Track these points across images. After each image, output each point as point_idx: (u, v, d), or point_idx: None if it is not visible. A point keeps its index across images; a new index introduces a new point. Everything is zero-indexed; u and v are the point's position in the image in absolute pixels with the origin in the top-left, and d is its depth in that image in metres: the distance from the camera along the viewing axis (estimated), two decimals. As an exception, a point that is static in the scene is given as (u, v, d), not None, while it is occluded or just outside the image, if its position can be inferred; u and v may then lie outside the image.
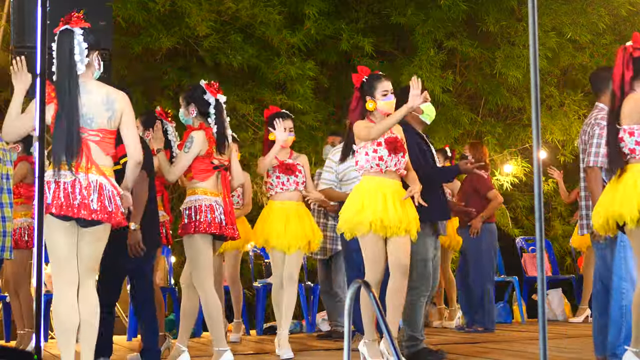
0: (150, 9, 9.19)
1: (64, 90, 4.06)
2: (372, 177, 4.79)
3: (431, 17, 10.32)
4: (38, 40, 4.78)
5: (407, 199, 4.73)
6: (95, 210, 3.99)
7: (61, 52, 4.12)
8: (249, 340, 7.40)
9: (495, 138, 10.98)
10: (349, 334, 3.22)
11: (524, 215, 11.32)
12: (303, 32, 9.90)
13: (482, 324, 7.33)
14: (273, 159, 5.74)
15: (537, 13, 3.35)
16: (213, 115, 5.19)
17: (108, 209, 4.03)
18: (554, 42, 10.35)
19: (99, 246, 4.14)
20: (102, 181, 4.04)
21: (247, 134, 9.84)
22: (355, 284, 3.28)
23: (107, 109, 4.12)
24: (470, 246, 7.47)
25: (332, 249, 7.05)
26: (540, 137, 3.44)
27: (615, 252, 4.67)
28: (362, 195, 4.78)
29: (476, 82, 11.01)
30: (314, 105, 10.08)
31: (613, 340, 4.66)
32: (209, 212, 5.02)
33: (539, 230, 3.35)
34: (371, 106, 4.81)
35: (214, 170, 5.14)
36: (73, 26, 4.13)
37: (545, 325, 3.22)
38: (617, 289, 4.66)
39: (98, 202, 4.00)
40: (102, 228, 4.09)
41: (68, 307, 4.04)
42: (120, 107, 4.15)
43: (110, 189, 4.06)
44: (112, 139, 4.17)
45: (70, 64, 4.09)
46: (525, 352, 5.57)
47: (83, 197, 3.98)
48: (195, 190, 5.09)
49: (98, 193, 4.01)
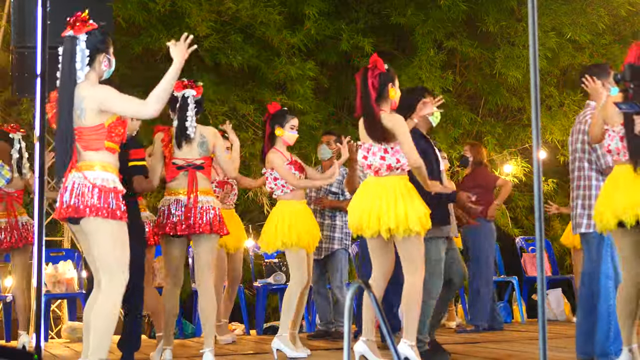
0: (151, 9, 9.20)
1: (62, 100, 4.13)
2: (371, 177, 4.77)
3: (431, 17, 10.33)
4: (38, 40, 4.79)
5: (413, 195, 4.69)
6: (69, 206, 4.08)
7: (64, 59, 4.17)
8: (249, 340, 7.40)
9: (495, 138, 10.98)
10: (349, 334, 3.22)
11: (524, 215, 11.32)
12: (303, 32, 9.90)
13: (475, 321, 7.34)
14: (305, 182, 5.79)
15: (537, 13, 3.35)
16: (177, 112, 5.27)
17: (75, 205, 4.08)
18: (553, 42, 10.35)
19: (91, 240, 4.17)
20: (76, 177, 4.10)
21: (247, 134, 9.84)
22: (355, 283, 3.28)
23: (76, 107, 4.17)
24: (472, 245, 7.49)
25: (329, 249, 7.05)
26: (540, 137, 3.44)
27: (603, 251, 4.70)
28: (358, 195, 4.80)
29: (476, 82, 11.01)
30: (314, 106, 10.09)
31: (602, 339, 4.68)
32: (167, 213, 5.20)
33: (539, 230, 3.35)
34: (393, 94, 4.78)
35: (177, 171, 5.23)
36: (77, 33, 4.16)
37: (545, 325, 3.22)
38: (605, 287, 4.69)
39: (70, 198, 4.07)
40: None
41: (88, 307, 4.21)
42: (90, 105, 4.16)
43: (80, 183, 4.09)
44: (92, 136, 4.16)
45: (70, 73, 4.13)
46: (525, 352, 5.57)
47: (61, 196, 4.12)
48: (168, 191, 5.30)
49: (70, 190, 4.08)
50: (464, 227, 7.46)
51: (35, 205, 4.57)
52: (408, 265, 4.70)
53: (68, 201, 4.06)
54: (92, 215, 4.03)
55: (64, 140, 4.08)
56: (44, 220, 4.44)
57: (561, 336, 6.67)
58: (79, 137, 4.12)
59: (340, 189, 7.07)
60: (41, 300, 4.47)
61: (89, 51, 4.15)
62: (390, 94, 4.74)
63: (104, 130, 4.13)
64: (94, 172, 4.09)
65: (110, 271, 4.06)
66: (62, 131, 4.09)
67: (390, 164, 4.66)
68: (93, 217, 4.04)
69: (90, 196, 4.04)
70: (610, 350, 4.64)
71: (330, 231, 7.07)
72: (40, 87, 4.71)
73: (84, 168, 4.09)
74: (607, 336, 4.66)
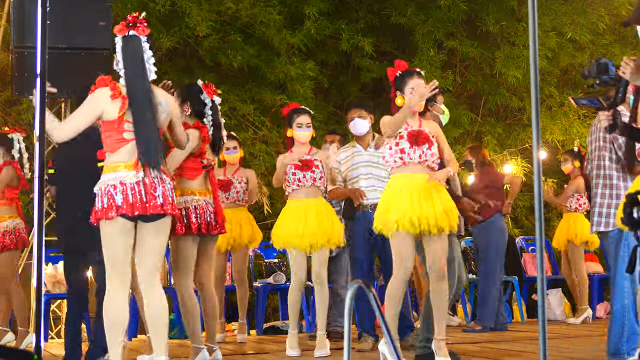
0: (150, 9, 9.19)
1: (141, 98, 4.19)
2: (397, 175, 4.79)
3: (431, 17, 10.33)
4: (38, 40, 4.78)
5: (441, 193, 4.72)
6: (162, 204, 4.19)
7: (134, 57, 4.23)
8: (249, 340, 7.39)
9: (495, 138, 10.99)
10: (349, 334, 3.22)
11: (524, 215, 11.32)
12: (303, 32, 9.90)
13: (483, 321, 7.33)
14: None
15: (537, 13, 3.35)
16: (209, 116, 5.19)
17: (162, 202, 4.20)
18: (554, 42, 10.36)
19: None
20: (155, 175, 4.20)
21: (247, 134, 9.84)
22: (355, 283, 3.28)
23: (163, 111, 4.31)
24: (482, 244, 7.48)
25: (335, 249, 7.04)
26: (540, 137, 3.44)
27: (620, 251, 4.68)
28: (387, 196, 4.81)
29: (476, 82, 11.02)
30: (313, 105, 10.07)
31: (615, 339, 4.66)
32: (196, 212, 5.02)
33: (539, 230, 3.35)
34: (399, 102, 4.81)
35: (202, 170, 5.15)
36: (140, 34, 4.24)
37: (545, 325, 3.22)
38: (620, 286, 4.67)
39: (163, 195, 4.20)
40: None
41: (117, 305, 4.17)
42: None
43: (163, 183, 4.23)
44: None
45: (143, 70, 4.22)
46: (525, 352, 5.57)
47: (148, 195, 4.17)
48: (184, 191, 5.05)
49: (162, 187, 4.20)
50: (476, 227, 7.43)
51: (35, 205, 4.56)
52: (432, 264, 4.76)
53: (160, 199, 4.13)
54: (171, 213, 4.19)
55: (154, 136, 4.18)
56: (44, 220, 4.44)
57: (561, 336, 6.67)
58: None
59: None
60: (41, 300, 4.47)
61: (151, 53, 4.27)
62: (396, 102, 4.84)
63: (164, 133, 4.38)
64: (165, 175, 4.23)
65: (157, 269, 4.23)
66: (151, 127, 4.17)
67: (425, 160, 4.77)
68: (169, 216, 4.20)
69: (172, 195, 4.22)
70: (623, 350, 4.62)
71: None
72: (40, 87, 4.71)
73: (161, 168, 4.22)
74: (621, 335, 4.64)
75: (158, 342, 4.20)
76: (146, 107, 4.18)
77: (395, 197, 4.74)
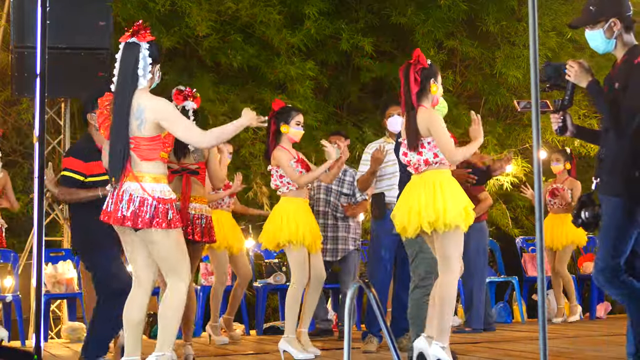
0: (150, 9, 9.19)
1: (119, 103, 4.20)
2: (414, 176, 4.71)
3: (431, 17, 10.32)
4: (38, 40, 4.79)
5: (455, 189, 4.62)
6: (125, 216, 4.15)
7: (126, 64, 4.25)
8: (249, 340, 7.40)
9: (495, 138, 10.97)
10: (349, 334, 3.22)
11: (524, 215, 11.31)
12: (303, 32, 9.90)
13: (471, 324, 7.28)
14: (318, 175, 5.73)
15: (537, 13, 3.35)
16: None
17: (131, 215, 4.16)
18: (554, 42, 10.35)
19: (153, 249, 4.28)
20: (133, 187, 4.17)
21: (247, 134, 9.83)
22: (355, 283, 3.28)
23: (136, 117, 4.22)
24: None
25: (345, 250, 7.03)
26: (540, 137, 3.44)
27: None
28: (403, 195, 4.78)
29: (476, 82, 11.01)
30: (314, 105, 10.07)
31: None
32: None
33: (539, 230, 3.35)
34: (435, 90, 4.73)
35: (172, 175, 5.19)
36: (140, 40, 4.25)
37: (545, 325, 3.22)
38: None
39: (128, 208, 4.15)
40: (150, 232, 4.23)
41: (131, 305, 4.31)
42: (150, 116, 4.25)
43: (138, 195, 4.16)
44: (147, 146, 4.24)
45: (132, 78, 4.22)
46: (525, 352, 5.57)
47: (116, 204, 4.17)
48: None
49: (128, 200, 4.15)
50: None
51: (35, 205, 4.57)
52: (442, 262, 4.60)
53: (125, 211, 4.13)
54: (153, 227, 4.15)
55: (120, 145, 4.17)
56: (44, 220, 4.44)
57: (561, 336, 6.66)
58: (136, 147, 4.20)
59: (352, 190, 7.05)
60: (41, 301, 4.47)
61: (150, 60, 4.26)
62: (432, 90, 4.71)
63: (160, 141, 4.26)
64: (151, 184, 4.19)
65: (175, 272, 4.23)
66: (119, 136, 4.18)
67: (428, 159, 4.60)
68: (154, 229, 4.15)
69: (150, 209, 4.15)
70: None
71: (345, 231, 7.05)
72: (40, 87, 4.71)
73: (140, 179, 4.18)
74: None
75: (163, 335, 4.25)
76: (116, 113, 4.21)
77: (404, 199, 4.71)
